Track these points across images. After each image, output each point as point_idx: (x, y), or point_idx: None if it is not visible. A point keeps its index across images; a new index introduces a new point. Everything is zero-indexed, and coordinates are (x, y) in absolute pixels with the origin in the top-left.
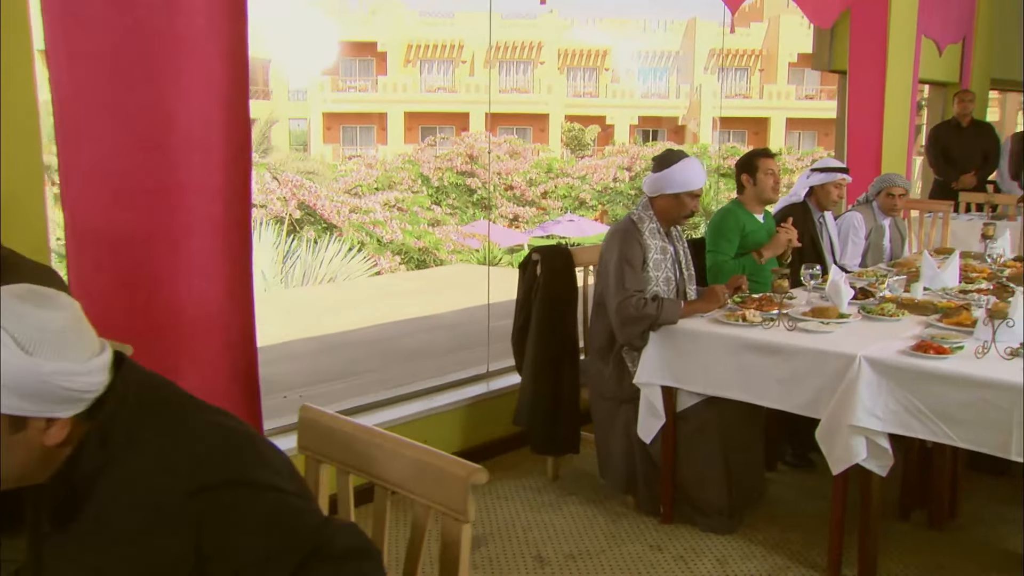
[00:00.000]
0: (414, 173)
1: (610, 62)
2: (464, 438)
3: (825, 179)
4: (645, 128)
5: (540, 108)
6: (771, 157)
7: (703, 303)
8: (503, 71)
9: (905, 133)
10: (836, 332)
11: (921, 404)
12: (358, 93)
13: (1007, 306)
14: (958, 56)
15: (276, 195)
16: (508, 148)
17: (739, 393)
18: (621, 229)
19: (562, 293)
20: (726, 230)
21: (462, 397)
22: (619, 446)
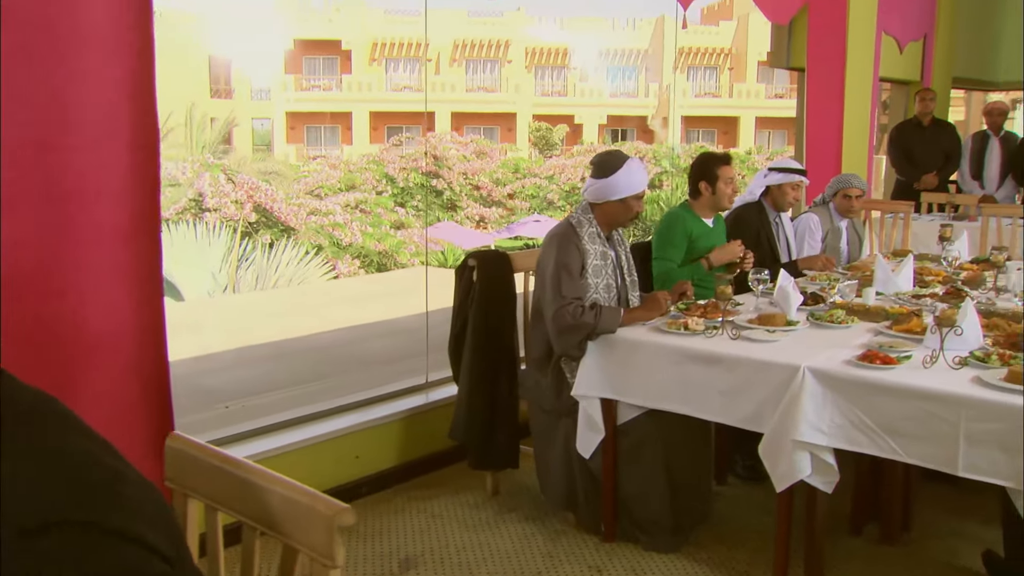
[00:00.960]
0: (379, 174)
1: (578, 61)
2: (400, 452)
3: (782, 179)
4: (614, 127)
5: (507, 107)
6: (730, 164)
7: (644, 311)
8: (470, 70)
9: (866, 132)
10: (782, 341)
11: (867, 417)
12: (322, 92)
13: (955, 313)
14: (919, 54)
15: (231, 198)
16: (475, 148)
17: (679, 405)
18: (559, 233)
19: (499, 300)
20: (673, 236)
21: (399, 409)
22: (559, 461)
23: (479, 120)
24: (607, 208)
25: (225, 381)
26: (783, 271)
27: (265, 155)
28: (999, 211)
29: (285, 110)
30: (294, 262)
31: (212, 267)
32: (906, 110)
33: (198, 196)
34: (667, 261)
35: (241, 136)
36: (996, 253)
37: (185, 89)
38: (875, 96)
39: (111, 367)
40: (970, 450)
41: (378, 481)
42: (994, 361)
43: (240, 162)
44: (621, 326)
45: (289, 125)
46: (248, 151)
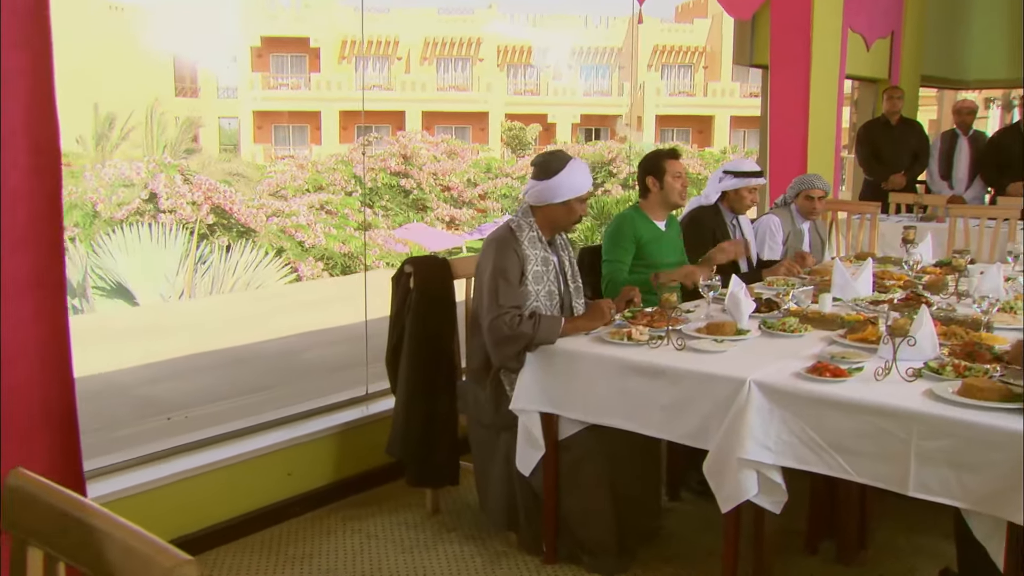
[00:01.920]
0: (347, 174)
1: (551, 59)
2: (337, 468)
3: (739, 184)
4: (588, 127)
5: (479, 106)
6: (678, 158)
7: (586, 320)
8: (440, 68)
9: (832, 131)
10: (730, 351)
11: (815, 434)
12: (290, 91)
13: (908, 322)
14: (887, 51)
15: (187, 199)
16: (446, 148)
17: (621, 421)
18: (497, 238)
19: (438, 309)
20: (621, 238)
21: (336, 423)
22: (499, 478)
23: (450, 119)
24: (549, 211)
25: (172, 390)
26: (734, 277)
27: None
28: (966, 212)
29: (252, 109)
30: (252, 265)
31: (167, 270)
32: (874, 108)
33: (152, 197)
34: (616, 263)
35: (208, 135)
36: (958, 256)
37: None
38: (841, 94)
39: (6, 385)
40: (921, 468)
41: (311, 499)
42: (948, 373)
43: (204, 162)
44: (562, 336)
45: (256, 124)
46: (215, 151)
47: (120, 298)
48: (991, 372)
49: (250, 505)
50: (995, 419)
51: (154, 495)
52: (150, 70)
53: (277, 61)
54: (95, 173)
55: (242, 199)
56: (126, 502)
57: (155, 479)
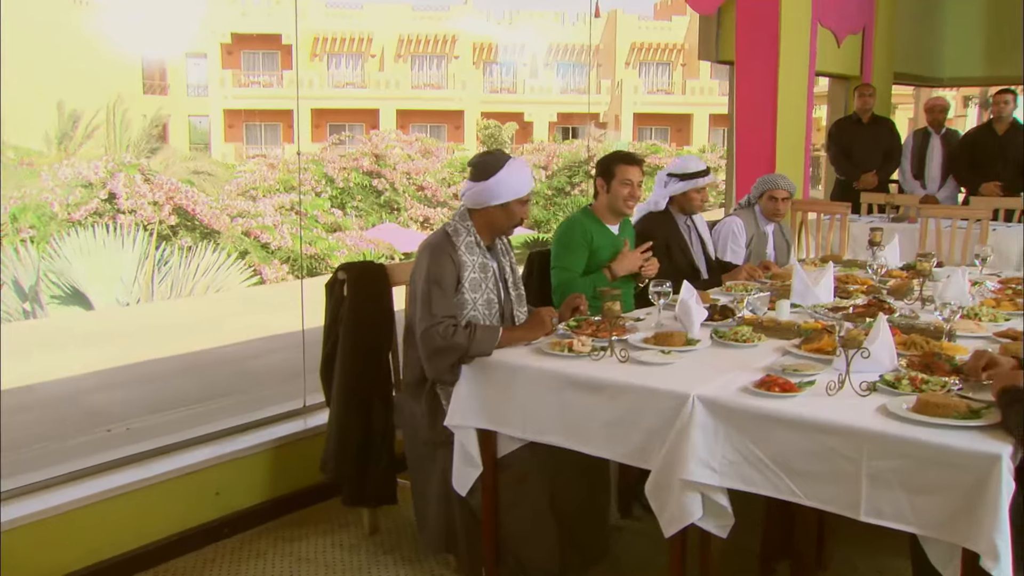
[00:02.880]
0: (318, 174)
1: (528, 56)
2: (271, 486)
3: (685, 187)
4: (565, 125)
5: (454, 105)
6: (635, 164)
7: (526, 330)
8: (415, 66)
9: (802, 129)
10: (677, 363)
11: (762, 453)
12: (262, 88)
13: (862, 333)
14: (858, 48)
15: (148, 199)
16: (420, 147)
17: (560, 438)
18: (431, 244)
19: (373, 318)
20: (572, 243)
21: (271, 437)
22: (437, 497)
23: (425, 118)
24: (488, 214)
25: (118, 400)
26: (685, 283)
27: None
28: (937, 212)
29: (223, 107)
30: (214, 268)
31: (125, 273)
32: (846, 106)
33: (111, 197)
34: (566, 271)
35: (179, 134)
36: (922, 260)
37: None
38: (811, 91)
39: None
40: (872, 491)
41: (241, 520)
42: (904, 386)
43: (169, 161)
44: (500, 347)
45: (227, 123)
46: (185, 149)
47: (76, 303)
48: (949, 385)
49: (173, 528)
50: (950, 438)
51: (69, 518)
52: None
53: (248, 58)
54: (52, 172)
55: (205, 199)
56: (38, 527)
57: (70, 501)
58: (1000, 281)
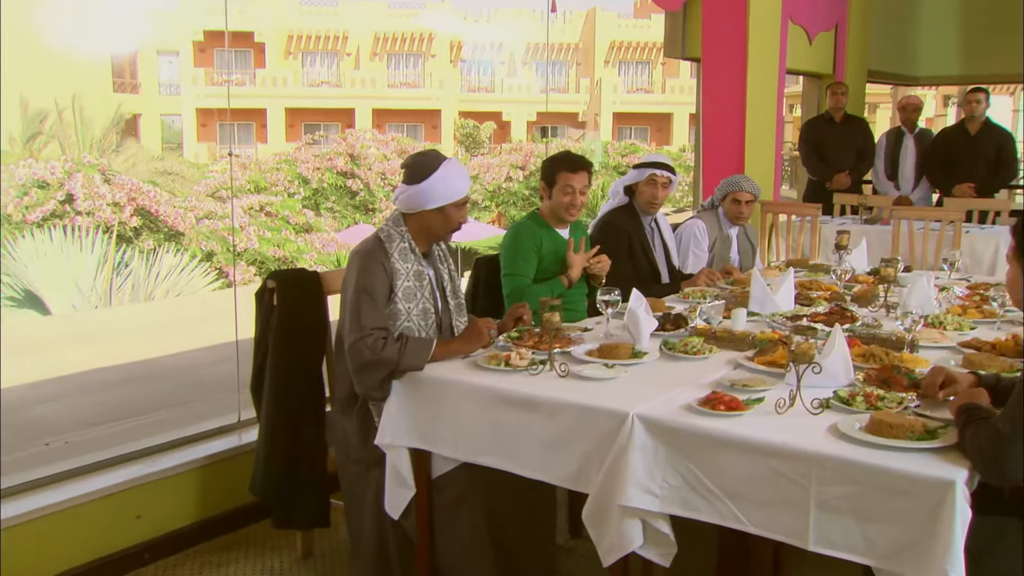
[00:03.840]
0: (291, 174)
1: (506, 55)
2: (200, 507)
3: (636, 177)
4: (544, 125)
5: (431, 104)
6: (578, 170)
7: (462, 342)
8: (391, 64)
9: (772, 128)
10: (620, 378)
11: (705, 477)
12: (235, 87)
13: (813, 347)
14: (831, 45)
15: (107, 200)
16: (396, 147)
17: (494, 459)
18: (362, 251)
19: (304, 329)
20: (521, 249)
21: (201, 455)
22: (370, 519)
23: (402, 117)
24: (423, 219)
25: (63, 410)
26: (635, 291)
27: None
28: (910, 214)
29: (195, 106)
30: (176, 271)
31: (83, 277)
32: (819, 105)
33: (69, 198)
34: (519, 277)
35: (150, 133)
36: (886, 265)
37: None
38: (781, 89)
39: None
40: (822, 519)
41: (165, 545)
42: (859, 403)
43: (135, 161)
44: (433, 360)
45: (200, 122)
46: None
47: (31, 307)
48: (906, 402)
49: (88, 555)
50: (902, 461)
51: None
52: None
53: (221, 56)
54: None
55: (167, 200)
56: None
57: None
58: (969, 287)
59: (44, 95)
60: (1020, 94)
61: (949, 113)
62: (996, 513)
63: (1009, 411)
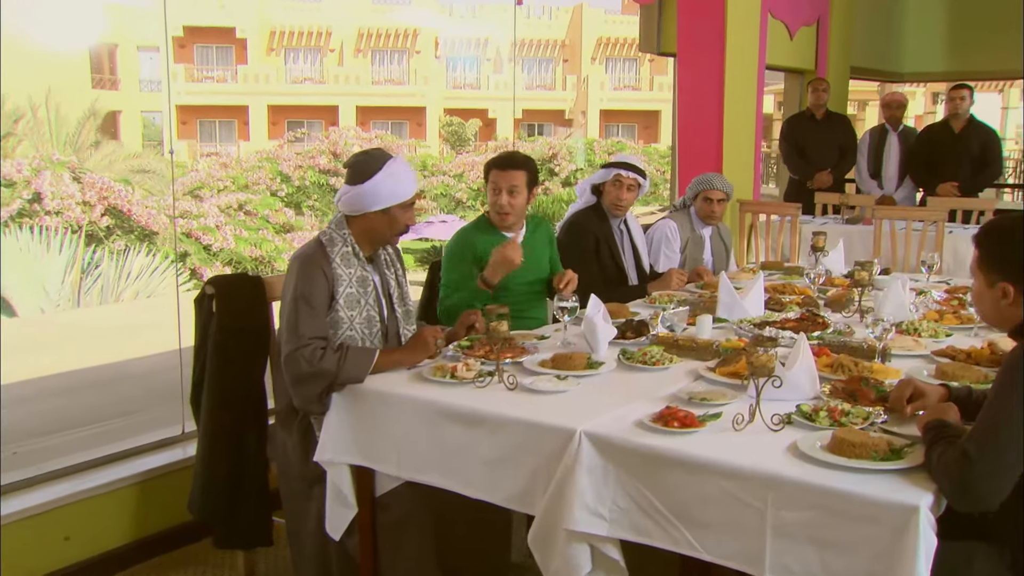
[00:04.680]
0: (272, 172)
1: (492, 51)
2: (137, 526)
3: (602, 177)
4: (530, 122)
5: (416, 101)
6: (509, 168)
7: (406, 352)
8: (376, 60)
9: (751, 125)
10: (572, 391)
11: (657, 500)
12: (216, 84)
13: (772, 359)
14: (813, 40)
15: (76, 199)
16: (380, 144)
17: (438, 477)
18: (301, 255)
19: (246, 337)
20: (455, 258)
21: (139, 470)
22: (312, 539)
23: (386, 114)
24: (367, 222)
25: (17, 418)
26: (593, 296)
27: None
28: (892, 214)
29: (176, 103)
30: (147, 272)
31: (51, 278)
32: (800, 102)
33: (36, 197)
34: (450, 288)
35: (130, 130)
36: (859, 268)
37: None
38: (761, 86)
39: None
40: (779, 545)
41: (98, 566)
42: (822, 419)
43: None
44: (376, 372)
45: (181, 119)
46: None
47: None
48: (872, 417)
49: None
50: (864, 484)
51: None
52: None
53: (201, 52)
54: None
55: (139, 199)
56: None
57: None
58: (947, 290)
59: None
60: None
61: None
62: (964, 538)
63: (977, 430)
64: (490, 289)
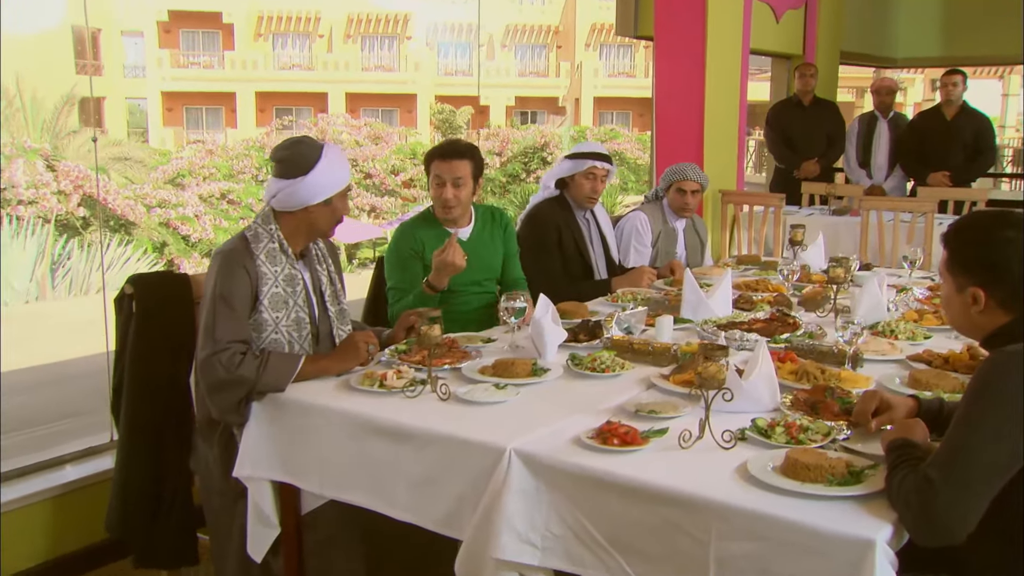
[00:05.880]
0: (259, 160)
1: (484, 37)
2: (52, 544)
3: (572, 168)
4: (523, 109)
5: (407, 88)
6: (451, 158)
7: (335, 359)
8: (365, 47)
9: (735, 113)
10: (510, 402)
11: (593, 528)
12: (202, 70)
13: (722, 370)
14: (800, 24)
15: (51, 188)
16: (369, 132)
17: (363, 497)
18: (224, 251)
19: (168, 341)
20: (399, 257)
21: (58, 482)
22: (236, 559)
23: (377, 101)
24: (305, 215)
25: None
26: (542, 296)
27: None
28: (880, 205)
29: (161, 89)
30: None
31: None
32: (788, 88)
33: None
34: (402, 290)
35: (115, 117)
36: (835, 265)
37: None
38: (745, 71)
39: None
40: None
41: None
42: (778, 436)
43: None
44: (301, 379)
45: (166, 106)
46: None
47: None
48: (834, 433)
49: None
50: (817, 513)
51: None
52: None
53: (187, 37)
54: None
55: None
56: None
57: None
58: (930, 287)
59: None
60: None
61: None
62: (926, 571)
63: (942, 453)
64: (436, 293)
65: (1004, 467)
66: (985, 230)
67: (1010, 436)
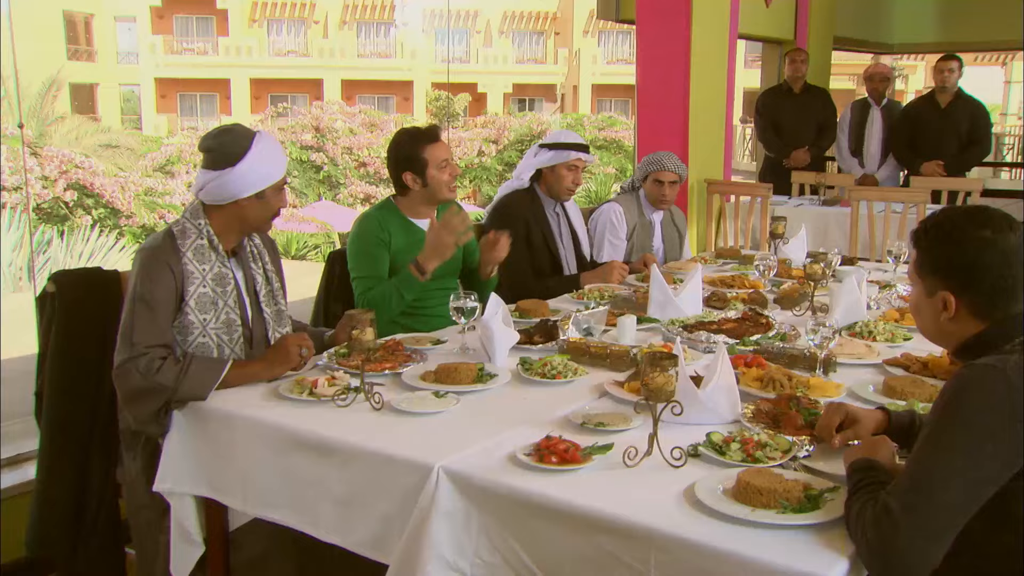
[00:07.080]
0: None
1: (481, 24)
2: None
3: (554, 159)
4: (521, 97)
5: (403, 75)
6: (438, 139)
7: (263, 364)
8: (361, 33)
9: (722, 100)
10: (448, 412)
11: (525, 554)
12: (196, 56)
13: (671, 381)
14: (792, 8)
15: (35, 174)
16: (364, 119)
17: (288, 515)
18: (147, 248)
19: (93, 343)
20: (367, 245)
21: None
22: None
23: (373, 88)
24: (237, 210)
25: None
26: (493, 295)
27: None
28: (871, 195)
29: (154, 76)
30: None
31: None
32: (779, 74)
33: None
34: (369, 279)
35: (109, 103)
36: (812, 261)
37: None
38: (733, 57)
39: None
40: None
41: None
42: (733, 453)
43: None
44: (227, 386)
45: (160, 92)
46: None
47: None
48: (795, 450)
49: None
50: (767, 545)
51: None
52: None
53: (181, 23)
54: None
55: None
56: None
57: None
58: None
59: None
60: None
61: None
62: None
63: (904, 480)
64: (423, 277)
65: (972, 498)
66: (959, 228)
67: (978, 465)
